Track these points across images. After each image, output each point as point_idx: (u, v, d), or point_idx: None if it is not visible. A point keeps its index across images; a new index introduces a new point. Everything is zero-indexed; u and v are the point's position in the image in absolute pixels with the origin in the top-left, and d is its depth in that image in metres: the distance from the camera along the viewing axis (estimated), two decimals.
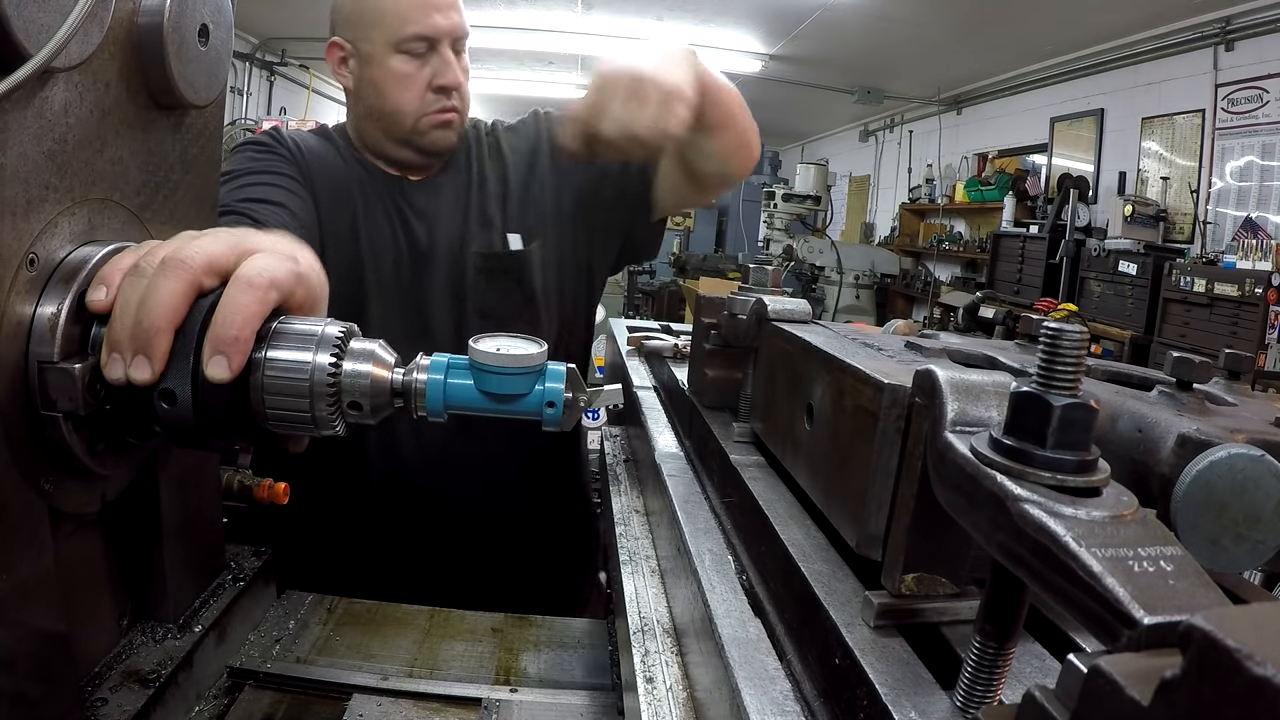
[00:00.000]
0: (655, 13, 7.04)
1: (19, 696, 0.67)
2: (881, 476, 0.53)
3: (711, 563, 0.66)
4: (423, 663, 1.05)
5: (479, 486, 1.46)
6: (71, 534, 0.78)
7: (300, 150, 1.45)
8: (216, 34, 0.82)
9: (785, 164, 12.64)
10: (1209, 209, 5.51)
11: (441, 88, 1.42)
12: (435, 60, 1.42)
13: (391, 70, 1.41)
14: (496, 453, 1.43)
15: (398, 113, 1.42)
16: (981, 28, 6.43)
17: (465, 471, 1.44)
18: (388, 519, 1.43)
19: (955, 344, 0.77)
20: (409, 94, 1.41)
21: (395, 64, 1.40)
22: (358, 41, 1.42)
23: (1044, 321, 0.44)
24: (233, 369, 0.62)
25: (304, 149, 1.46)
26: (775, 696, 0.48)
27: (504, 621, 1.18)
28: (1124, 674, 0.25)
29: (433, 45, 1.41)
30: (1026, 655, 0.49)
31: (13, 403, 0.64)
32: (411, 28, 1.38)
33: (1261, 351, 4.34)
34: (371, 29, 1.40)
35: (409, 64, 1.40)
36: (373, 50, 1.41)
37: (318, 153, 1.47)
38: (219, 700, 0.94)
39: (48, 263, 0.66)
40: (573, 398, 0.72)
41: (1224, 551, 0.48)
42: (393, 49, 1.39)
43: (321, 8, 1.61)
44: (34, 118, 0.64)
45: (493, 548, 1.47)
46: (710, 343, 1.03)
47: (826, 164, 9.93)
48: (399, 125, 1.44)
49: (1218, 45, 5.43)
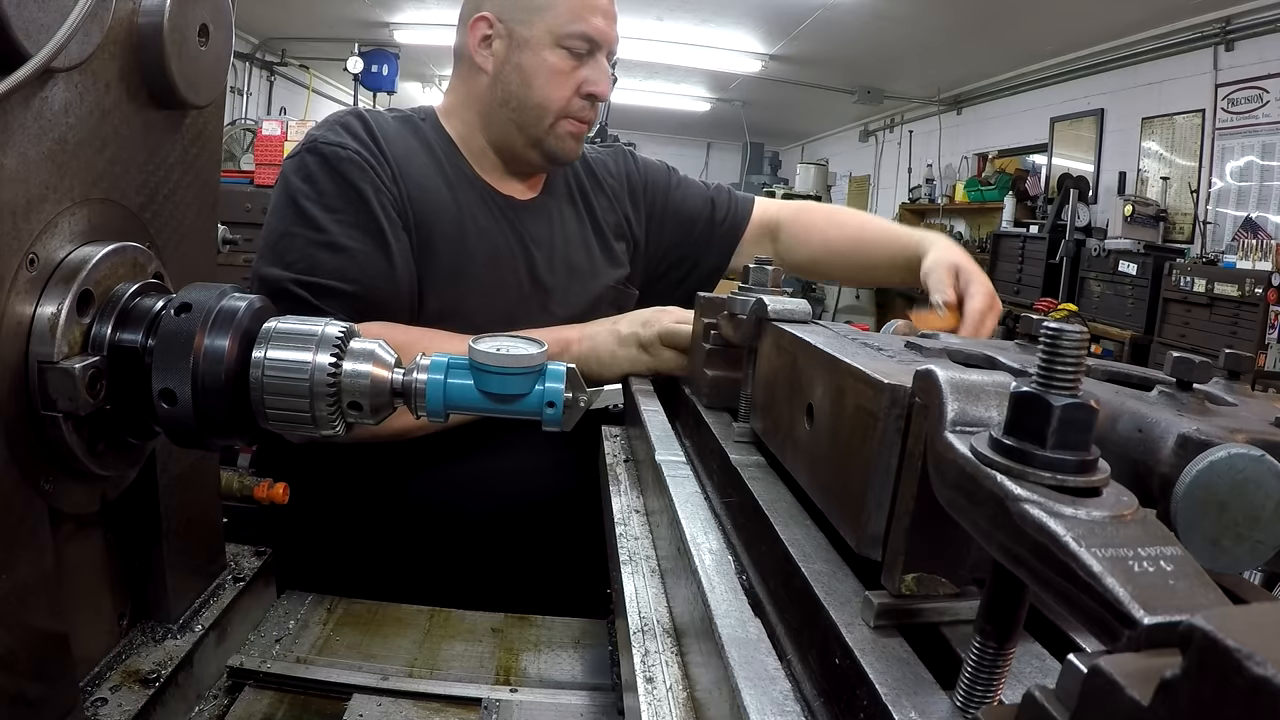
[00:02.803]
0: (655, 13, 7.04)
1: (19, 696, 0.67)
2: (881, 476, 0.53)
3: (711, 563, 0.66)
4: (423, 663, 1.05)
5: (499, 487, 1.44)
6: (71, 534, 0.78)
7: (385, 154, 1.32)
8: (216, 34, 0.82)
9: (785, 164, 12.66)
10: (1209, 209, 5.51)
11: (591, 95, 1.38)
12: (592, 66, 1.38)
13: (548, 62, 1.35)
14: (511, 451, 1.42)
15: (542, 107, 1.37)
16: (981, 28, 6.43)
17: (486, 472, 1.42)
18: (390, 519, 1.43)
19: (955, 344, 0.77)
20: (560, 91, 1.36)
21: (553, 57, 1.35)
22: (514, 24, 1.36)
23: (1044, 321, 0.44)
24: None
25: (386, 148, 1.33)
26: (775, 696, 0.48)
27: (504, 621, 1.18)
28: (1124, 674, 0.25)
29: (593, 49, 1.37)
30: (1026, 655, 0.49)
31: (13, 403, 0.64)
32: (579, 25, 1.34)
33: (1261, 351, 4.34)
34: (535, 14, 1.35)
35: (567, 61, 1.36)
36: (531, 36, 1.35)
37: (404, 150, 1.36)
38: (219, 700, 0.94)
39: (48, 263, 0.66)
40: (573, 398, 0.72)
41: (1224, 551, 0.48)
42: (554, 41, 1.34)
43: (322, 8, 1.61)
44: (34, 118, 0.64)
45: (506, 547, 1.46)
46: (710, 343, 1.03)
47: (826, 164, 9.95)
48: (538, 122, 1.38)
49: (1218, 45, 5.43)
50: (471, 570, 1.39)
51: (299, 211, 1.26)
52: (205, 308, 0.67)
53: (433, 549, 1.39)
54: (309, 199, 1.27)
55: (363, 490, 1.41)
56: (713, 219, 1.73)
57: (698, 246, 1.73)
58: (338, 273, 1.23)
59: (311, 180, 1.28)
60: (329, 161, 1.28)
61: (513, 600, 1.25)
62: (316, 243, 1.25)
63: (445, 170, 1.40)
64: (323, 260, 1.24)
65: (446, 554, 1.40)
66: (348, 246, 1.25)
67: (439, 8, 7.38)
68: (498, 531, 1.42)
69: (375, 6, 7.43)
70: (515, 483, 1.41)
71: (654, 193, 1.70)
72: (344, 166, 1.28)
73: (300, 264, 1.23)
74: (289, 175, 1.30)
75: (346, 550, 1.41)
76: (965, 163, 8.66)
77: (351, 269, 1.24)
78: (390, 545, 1.42)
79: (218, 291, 0.69)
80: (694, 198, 1.74)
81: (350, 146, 1.30)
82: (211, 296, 0.68)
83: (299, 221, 1.26)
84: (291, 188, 1.29)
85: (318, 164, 1.29)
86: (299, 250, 1.24)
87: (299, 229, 1.26)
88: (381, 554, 1.41)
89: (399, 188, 1.32)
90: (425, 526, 1.42)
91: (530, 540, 1.43)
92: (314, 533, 1.38)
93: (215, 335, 0.66)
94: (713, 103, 10.88)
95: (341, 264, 1.24)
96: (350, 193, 1.27)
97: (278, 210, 1.29)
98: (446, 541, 1.41)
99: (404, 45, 8.33)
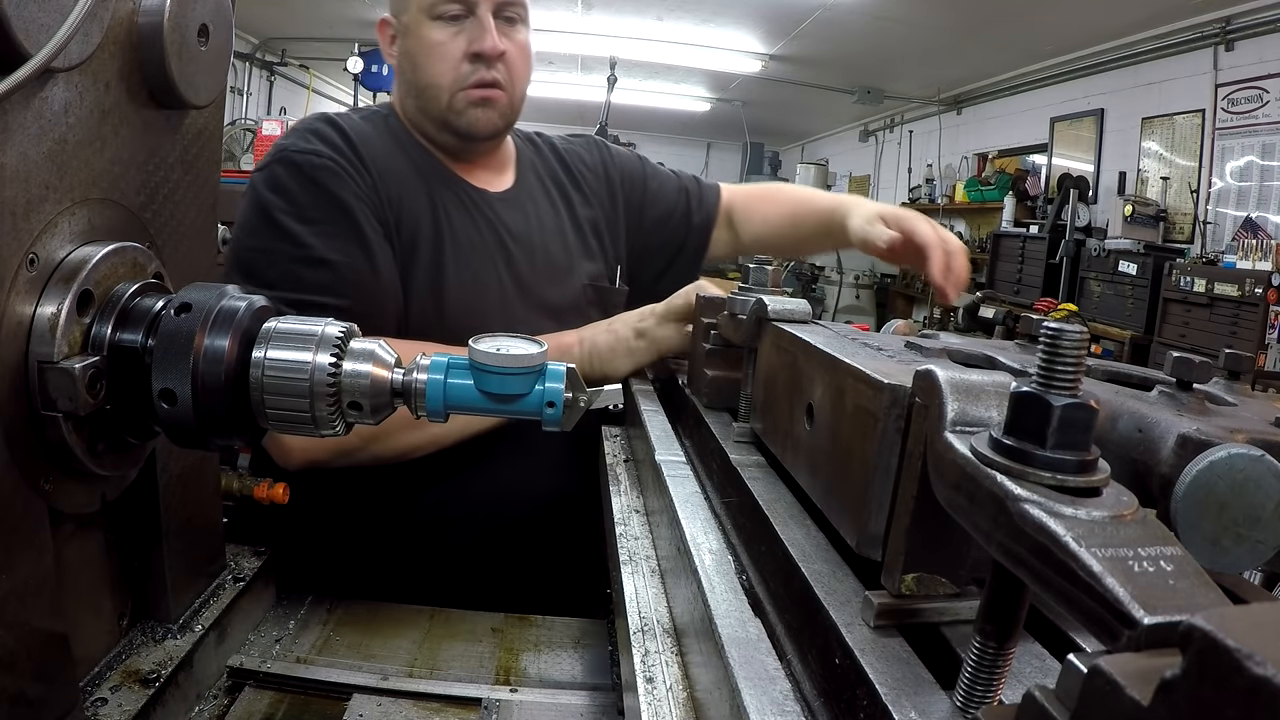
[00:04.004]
0: (655, 13, 7.04)
1: (19, 696, 0.67)
2: (881, 476, 0.53)
3: (711, 563, 0.66)
4: (423, 663, 1.05)
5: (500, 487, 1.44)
6: (71, 534, 0.78)
7: (362, 159, 1.28)
8: (216, 34, 0.82)
9: (785, 164, 12.66)
10: (1209, 209, 5.51)
11: (477, 54, 1.31)
12: (471, 25, 1.31)
13: (425, 39, 1.31)
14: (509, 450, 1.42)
15: (433, 86, 1.33)
16: (981, 28, 6.43)
17: (484, 469, 1.42)
18: (390, 519, 1.43)
19: (955, 344, 0.77)
20: (442, 64, 1.31)
21: (429, 32, 1.31)
22: (399, 14, 1.35)
23: (1044, 321, 0.44)
24: None
25: (362, 152, 1.28)
26: (775, 696, 0.48)
27: (504, 621, 1.18)
28: (1124, 674, 0.25)
29: (470, 8, 1.31)
30: (1026, 655, 0.49)
31: (13, 403, 0.64)
32: None
33: (1261, 351, 4.34)
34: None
35: (443, 30, 1.31)
36: (409, 20, 1.32)
37: (379, 151, 1.32)
38: (219, 700, 0.94)
39: (48, 263, 0.66)
40: (573, 398, 0.72)
41: (1224, 551, 0.48)
42: (427, 14, 1.30)
43: (322, 8, 1.62)
44: (34, 118, 0.64)
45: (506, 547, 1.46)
46: (710, 343, 1.03)
47: (826, 164, 9.94)
48: (435, 101, 1.34)
49: (1218, 45, 5.43)
50: (471, 570, 1.39)
51: (274, 225, 1.20)
52: (205, 308, 0.67)
53: (432, 549, 1.39)
54: (284, 212, 1.20)
55: (362, 490, 1.41)
56: (688, 209, 1.73)
57: (675, 238, 1.73)
58: (324, 288, 1.18)
59: (284, 192, 1.21)
60: (303, 170, 1.22)
61: (513, 600, 1.24)
62: (297, 258, 1.19)
63: (419, 166, 1.37)
64: (306, 276, 1.18)
65: (446, 554, 1.40)
66: (331, 260, 1.20)
67: None
68: (498, 531, 1.42)
69: (375, 6, 7.43)
70: (515, 482, 1.41)
71: (631, 184, 1.69)
72: (320, 175, 1.22)
73: (283, 282, 1.16)
74: (259, 188, 1.23)
75: (346, 550, 1.41)
76: (965, 163, 8.66)
77: (338, 283, 1.19)
78: (390, 545, 1.42)
79: (218, 291, 0.69)
80: (669, 189, 1.73)
81: (325, 154, 1.24)
82: (211, 296, 0.68)
83: (275, 236, 1.20)
84: (263, 201, 1.21)
85: (290, 174, 1.22)
86: (280, 268, 1.18)
87: (277, 244, 1.19)
88: (381, 554, 1.41)
89: (379, 193, 1.28)
90: (425, 526, 1.42)
91: (530, 540, 1.43)
92: (314, 533, 1.38)
93: (215, 335, 0.66)
94: (713, 103, 10.88)
95: (327, 279, 1.19)
96: (329, 202, 1.22)
97: (248, 226, 1.22)
98: (446, 541, 1.41)
99: None
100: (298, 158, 1.23)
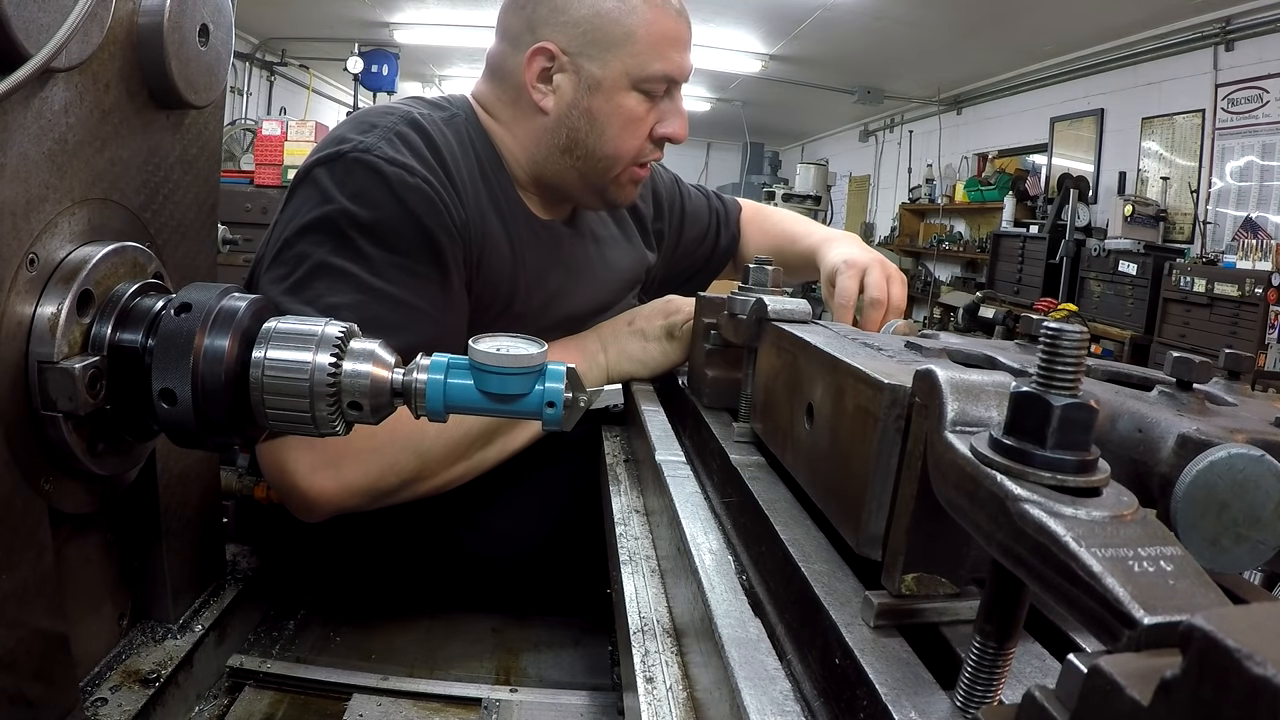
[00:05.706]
0: None
1: (19, 696, 0.67)
2: (881, 476, 0.53)
3: (711, 563, 0.66)
4: (423, 663, 1.05)
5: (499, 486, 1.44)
6: (71, 534, 0.78)
7: (456, 188, 1.13)
8: (216, 34, 0.82)
9: (785, 164, 12.66)
10: (1209, 209, 5.51)
11: (665, 138, 1.22)
12: (666, 105, 1.21)
13: (624, 108, 1.18)
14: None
15: (613, 157, 1.20)
16: (981, 28, 6.43)
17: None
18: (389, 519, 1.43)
19: (955, 344, 0.77)
20: (634, 140, 1.20)
21: (630, 102, 1.18)
22: (583, 59, 1.16)
23: (1044, 321, 0.44)
24: None
25: (455, 178, 1.13)
26: (775, 696, 0.48)
27: (504, 621, 1.18)
28: (1124, 674, 0.25)
29: (670, 89, 1.21)
30: (1026, 655, 0.49)
31: (13, 403, 0.64)
32: (660, 65, 1.17)
33: (1261, 351, 4.34)
34: (610, 51, 1.15)
35: (642, 105, 1.19)
36: (605, 77, 1.16)
37: (466, 176, 1.17)
38: (219, 700, 0.94)
39: (48, 263, 0.66)
40: (573, 398, 0.72)
41: (1224, 551, 0.48)
42: (632, 84, 1.17)
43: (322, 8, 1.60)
44: (34, 118, 0.64)
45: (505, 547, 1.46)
46: (710, 343, 1.03)
47: (826, 164, 9.94)
48: (604, 171, 1.22)
49: (1218, 45, 5.43)
50: (471, 570, 1.39)
51: (344, 240, 1.03)
52: (205, 308, 0.67)
53: (432, 549, 1.39)
54: (361, 228, 1.03)
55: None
56: (718, 231, 1.74)
57: (701, 257, 1.74)
58: (396, 329, 0.97)
59: (368, 203, 1.04)
60: (391, 186, 1.04)
61: (513, 600, 1.24)
62: (373, 290, 1.03)
63: (497, 196, 1.22)
64: (382, 315, 1.01)
65: (446, 554, 1.40)
66: (412, 304, 1.04)
67: (439, 8, 7.38)
68: (497, 531, 1.42)
69: (375, 6, 7.43)
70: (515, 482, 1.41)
71: (673, 202, 1.69)
72: (411, 199, 1.05)
73: (348, 312, 0.97)
74: (327, 185, 1.05)
75: (346, 550, 1.41)
76: (965, 163, 8.66)
77: (412, 328, 1.03)
78: (390, 545, 1.41)
79: (218, 291, 0.69)
80: (701, 208, 1.74)
81: (418, 172, 1.07)
82: (211, 296, 0.68)
83: (346, 253, 1.03)
84: (336, 205, 1.03)
85: (375, 184, 1.04)
86: (346, 294, 1.01)
87: (347, 264, 1.02)
88: (381, 554, 1.41)
89: (468, 233, 1.13)
90: (424, 526, 1.42)
91: (530, 540, 1.43)
92: (314, 533, 1.38)
93: (215, 335, 0.66)
94: (713, 103, 10.88)
95: (402, 320, 1.03)
96: (417, 233, 1.06)
97: (309, 226, 1.04)
98: (446, 541, 1.40)
99: (404, 45, 8.34)
100: (386, 169, 1.05)
